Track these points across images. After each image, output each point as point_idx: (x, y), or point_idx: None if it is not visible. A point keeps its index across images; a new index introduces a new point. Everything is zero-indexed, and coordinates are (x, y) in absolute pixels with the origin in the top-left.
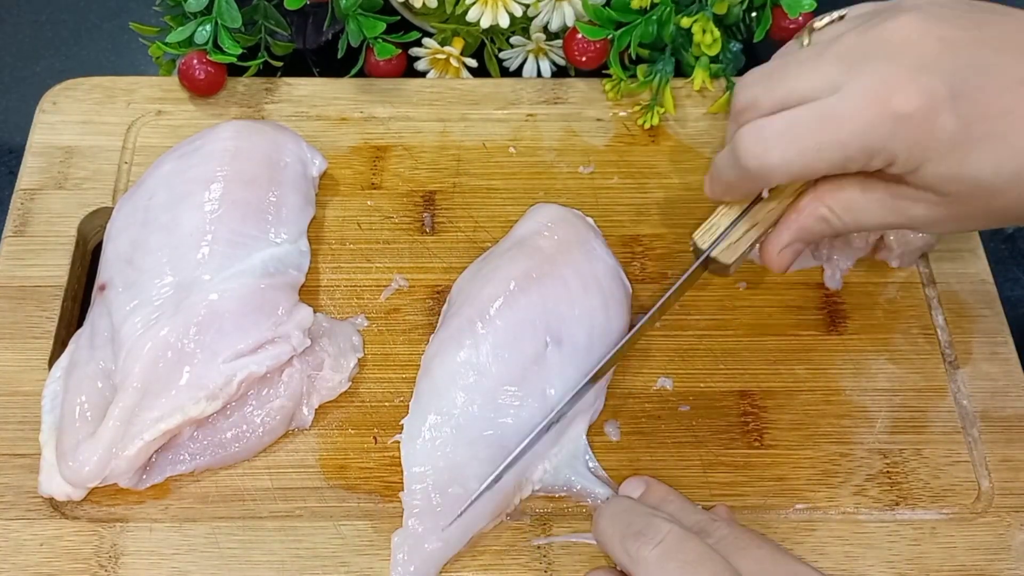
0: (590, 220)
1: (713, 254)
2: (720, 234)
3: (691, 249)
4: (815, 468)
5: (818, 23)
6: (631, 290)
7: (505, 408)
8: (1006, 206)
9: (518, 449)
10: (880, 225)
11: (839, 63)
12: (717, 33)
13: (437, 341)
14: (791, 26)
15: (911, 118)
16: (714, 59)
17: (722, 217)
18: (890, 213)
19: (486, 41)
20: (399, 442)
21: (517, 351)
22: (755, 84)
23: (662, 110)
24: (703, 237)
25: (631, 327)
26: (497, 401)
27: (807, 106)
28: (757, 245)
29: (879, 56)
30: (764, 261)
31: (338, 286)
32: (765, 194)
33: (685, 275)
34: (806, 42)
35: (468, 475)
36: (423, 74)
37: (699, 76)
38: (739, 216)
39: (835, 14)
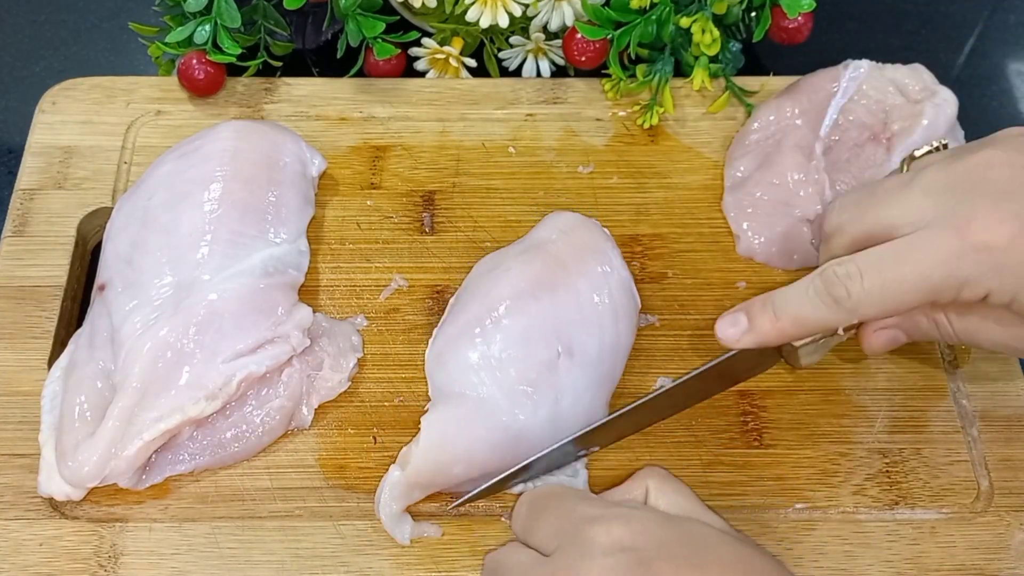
0: (606, 231)
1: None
2: None
3: None
4: (814, 468)
5: (918, 152)
6: (640, 304)
7: (522, 403)
8: None
9: (524, 463)
10: (997, 347)
11: (923, 196)
12: (716, 33)
13: (444, 337)
14: (790, 26)
15: (994, 247)
16: (713, 59)
17: None
18: (1011, 338)
19: (485, 41)
20: (399, 442)
21: (529, 353)
22: (844, 210)
23: (661, 110)
24: None
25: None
26: (515, 392)
27: (890, 243)
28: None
29: (961, 189)
30: (859, 338)
31: (338, 286)
32: (840, 331)
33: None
34: (904, 169)
35: (475, 458)
36: (422, 74)
37: (698, 76)
38: None
39: (936, 143)
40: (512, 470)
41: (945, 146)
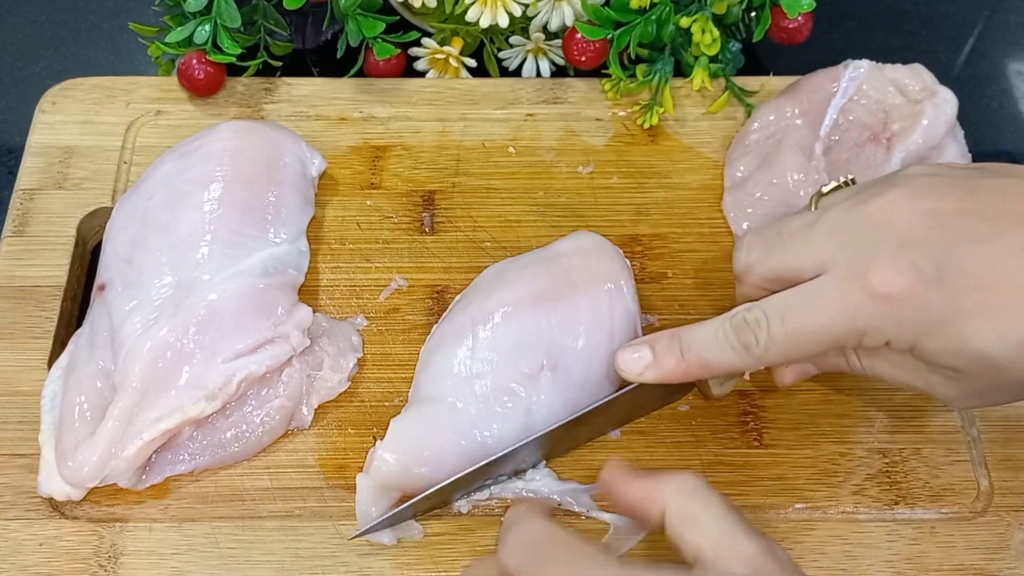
0: (626, 261)
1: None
2: None
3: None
4: (814, 468)
5: (825, 188)
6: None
7: (495, 412)
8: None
9: (484, 462)
10: (903, 386)
11: (826, 239)
12: (716, 33)
13: (438, 334)
14: (790, 26)
15: (892, 297)
16: (713, 59)
17: None
18: (912, 376)
19: (485, 41)
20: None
21: (514, 364)
22: (752, 250)
23: (661, 110)
24: None
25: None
26: (489, 402)
27: (794, 290)
28: None
29: (861, 234)
30: (770, 370)
31: (337, 286)
32: (747, 375)
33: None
34: (812, 208)
35: (444, 462)
36: (422, 74)
37: (698, 76)
38: None
39: (843, 178)
40: (442, 484)
41: (853, 181)
